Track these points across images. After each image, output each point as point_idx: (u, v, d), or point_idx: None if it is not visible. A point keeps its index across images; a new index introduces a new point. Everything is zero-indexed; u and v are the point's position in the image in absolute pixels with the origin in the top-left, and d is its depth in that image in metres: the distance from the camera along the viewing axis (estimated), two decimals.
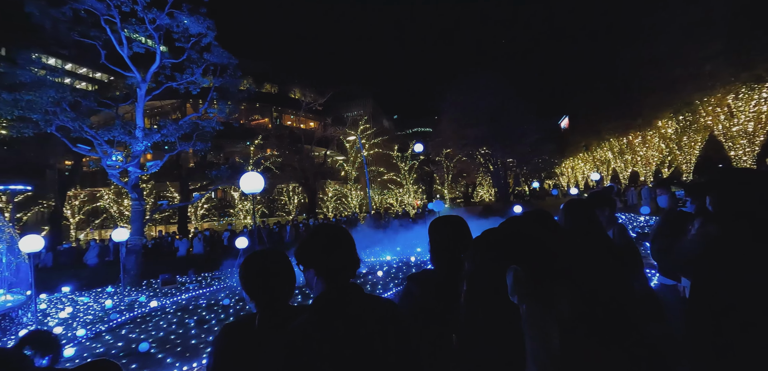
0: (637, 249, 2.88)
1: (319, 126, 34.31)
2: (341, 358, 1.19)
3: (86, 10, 12.04)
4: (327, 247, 1.37)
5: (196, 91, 14.27)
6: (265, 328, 1.47)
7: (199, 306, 8.30)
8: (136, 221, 12.22)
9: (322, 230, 1.45)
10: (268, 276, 1.51)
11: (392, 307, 1.40)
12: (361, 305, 1.32)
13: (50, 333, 1.19)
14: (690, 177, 23.70)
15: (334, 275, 1.34)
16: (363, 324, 1.27)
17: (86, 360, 1.18)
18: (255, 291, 1.52)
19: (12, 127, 12.23)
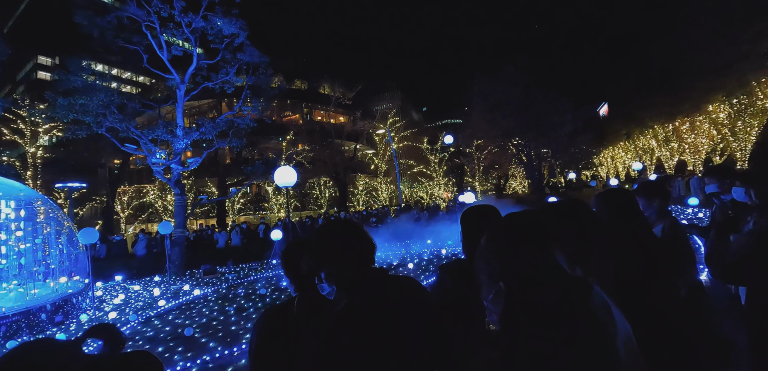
0: (689, 244, 2.65)
1: (349, 120, 34.64)
2: (375, 339, 1.22)
3: (129, 18, 12.83)
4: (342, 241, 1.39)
5: (231, 90, 14.82)
6: (303, 311, 1.56)
7: (238, 295, 8.70)
8: (179, 215, 12.93)
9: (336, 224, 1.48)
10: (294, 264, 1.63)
11: (419, 288, 1.42)
12: (390, 287, 1.34)
13: (112, 325, 1.30)
14: (745, 165, 21.95)
15: (359, 262, 1.37)
16: (393, 305, 1.29)
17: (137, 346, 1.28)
18: (294, 277, 1.62)
19: (68, 129, 13.24)
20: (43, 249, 8.15)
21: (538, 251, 0.74)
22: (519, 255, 0.74)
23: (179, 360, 4.95)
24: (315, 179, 30.50)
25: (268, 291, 8.76)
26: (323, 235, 1.45)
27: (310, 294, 1.61)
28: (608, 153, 43.13)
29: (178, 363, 4.80)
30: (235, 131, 14.38)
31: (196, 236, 16.39)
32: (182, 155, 13.51)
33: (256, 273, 11.55)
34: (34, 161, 22.01)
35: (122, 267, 12.16)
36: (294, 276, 1.67)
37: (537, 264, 0.73)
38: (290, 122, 32.30)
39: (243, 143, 15.45)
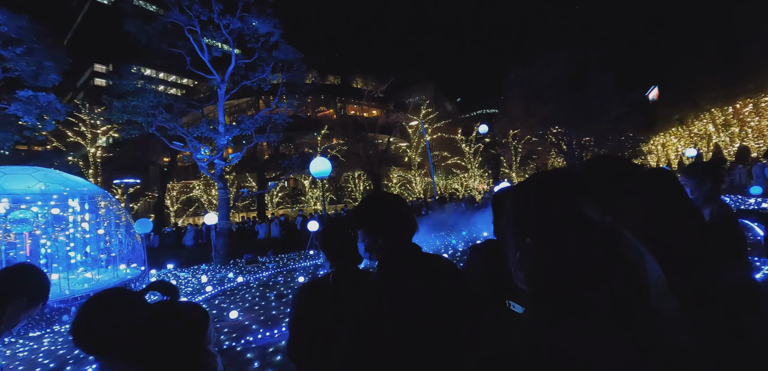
0: (738, 232, 2.42)
1: (382, 113, 34.81)
2: (406, 311, 1.26)
3: (172, 23, 13.65)
4: (384, 213, 1.43)
5: (267, 88, 15.38)
6: (338, 284, 1.67)
7: (278, 282, 9.09)
8: (223, 207, 13.66)
9: (377, 199, 1.53)
10: (342, 243, 1.74)
11: (451, 266, 1.45)
12: (421, 263, 1.38)
13: (168, 282, 1.52)
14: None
15: (397, 237, 1.40)
16: (423, 279, 1.33)
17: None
18: (331, 254, 1.73)
19: (122, 129, 14.32)
20: (105, 239, 8.92)
21: (565, 203, 0.69)
22: (546, 209, 0.70)
23: (225, 340, 5.30)
24: (349, 172, 30.99)
25: (307, 278, 9.07)
26: (367, 206, 1.48)
27: (345, 268, 1.72)
28: (658, 140, 40.30)
29: (224, 343, 5.13)
30: (272, 126, 14.93)
31: (238, 228, 17.22)
32: (224, 151, 14.23)
33: (294, 262, 11.99)
34: (95, 160, 24.04)
35: (173, 257, 13.07)
36: (330, 252, 1.77)
37: (564, 217, 0.68)
38: (324, 117, 32.96)
39: (280, 138, 16.01)
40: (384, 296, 1.29)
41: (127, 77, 13.43)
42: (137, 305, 1.19)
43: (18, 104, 13.11)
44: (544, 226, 0.68)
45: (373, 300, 1.30)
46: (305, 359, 1.82)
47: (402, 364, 1.24)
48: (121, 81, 13.42)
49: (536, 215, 0.70)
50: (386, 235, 1.40)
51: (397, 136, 34.25)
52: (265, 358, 4.56)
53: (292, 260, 12.52)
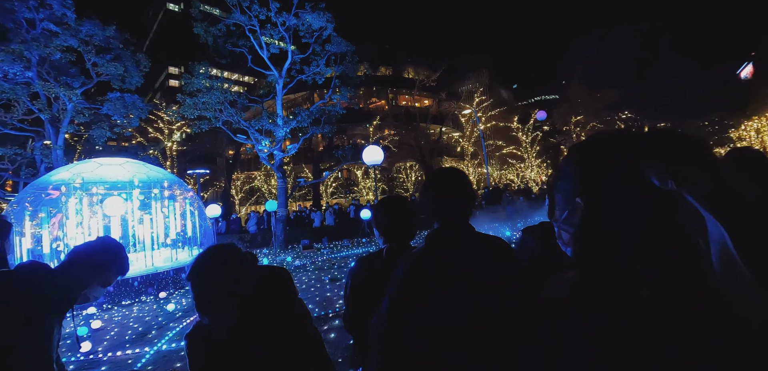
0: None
1: (434, 102, 34.37)
2: (449, 284, 1.26)
3: (235, 24, 14.64)
4: (441, 188, 1.43)
5: (321, 81, 15.92)
6: (391, 258, 1.74)
7: (332, 267, 9.48)
8: (281, 196, 14.47)
9: (437, 173, 1.53)
10: (395, 218, 1.82)
11: (504, 246, 1.42)
12: (471, 240, 1.37)
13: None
14: None
15: (446, 213, 1.40)
16: (472, 256, 1.32)
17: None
18: (384, 229, 1.81)
19: (194, 125, 15.64)
20: (182, 222, 9.90)
21: (624, 164, 0.65)
22: (603, 168, 0.66)
23: None
24: (401, 163, 31.12)
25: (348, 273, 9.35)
26: (428, 179, 1.50)
27: (398, 244, 1.78)
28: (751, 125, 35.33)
29: None
30: (326, 118, 15.48)
31: (295, 216, 18.12)
32: (282, 143, 15.03)
33: (347, 249, 12.40)
34: (171, 153, 26.64)
35: (238, 241, 14.11)
36: (383, 228, 1.84)
37: (622, 178, 0.64)
38: (376, 108, 33.29)
39: (334, 130, 16.57)
40: (426, 268, 1.29)
41: (197, 77, 14.66)
42: (246, 256, 1.34)
43: (109, 104, 14.90)
44: (599, 185, 0.66)
45: (414, 272, 1.31)
46: (360, 329, 1.93)
47: (440, 337, 1.23)
48: (192, 80, 14.68)
49: (593, 173, 0.67)
50: (438, 209, 1.40)
51: (449, 125, 33.65)
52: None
53: (345, 247, 12.94)
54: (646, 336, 0.55)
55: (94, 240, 1.56)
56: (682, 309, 0.57)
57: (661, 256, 0.61)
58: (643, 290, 0.59)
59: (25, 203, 7.97)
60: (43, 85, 13.41)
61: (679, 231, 0.63)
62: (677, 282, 0.59)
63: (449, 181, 1.46)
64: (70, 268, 1.43)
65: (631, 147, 0.67)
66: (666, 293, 0.58)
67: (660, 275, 0.60)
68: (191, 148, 27.43)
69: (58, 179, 8.33)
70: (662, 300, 0.58)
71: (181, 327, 5.56)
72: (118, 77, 14.99)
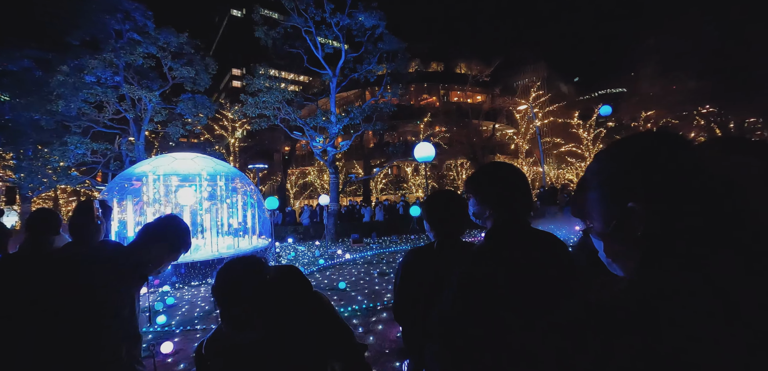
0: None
1: (487, 98, 33.33)
2: (508, 282, 1.25)
3: (292, 26, 15.34)
4: (501, 184, 1.41)
5: (373, 78, 16.19)
6: (442, 252, 1.78)
7: (381, 261, 9.64)
8: (333, 191, 14.96)
9: (498, 168, 1.50)
10: (446, 213, 1.84)
11: (563, 247, 1.39)
12: (529, 238, 1.35)
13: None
14: None
15: (506, 210, 1.38)
16: (529, 255, 1.30)
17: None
18: (435, 223, 1.84)
19: (254, 122, 16.67)
20: (243, 213, 10.64)
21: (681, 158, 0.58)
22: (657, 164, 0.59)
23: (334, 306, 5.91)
24: (451, 160, 30.65)
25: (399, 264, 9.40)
26: (483, 173, 1.46)
27: (448, 237, 1.83)
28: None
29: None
30: (378, 115, 15.72)
31: (346, 210, 18.62)
32: (335, 139, 15.53)
33: (396, 245, 12.51)
34: (234, 149, 28.65)
35: (292, 232, 14.89)
36: (434, 221, 1.87)
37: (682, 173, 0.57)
38: (427, 105, 33.01)
39: (385, 127, 16.80)
40: (487, 264, 1.30)
41: (257, 77, 15.62)
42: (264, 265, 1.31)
43: (182, 104, 16.39)
44: (657, 183, 0.60)
45: (475, 267, 1.31)
46: (410, 320, 1.98)
47: (499, 331, 1.24)
48: (254, 81, 15.66)
49: (647, 171, 0.61)
50: (497, 204, 1.38)
51: (502, 121, 32.48)
52: (368, 325, 4.96)
53: (393, 243, 13.07)
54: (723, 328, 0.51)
55: (158, 217, 1.67)
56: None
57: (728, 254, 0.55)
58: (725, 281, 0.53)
59: (114, 191, 9.05)
60: (129, 88, 15.08)
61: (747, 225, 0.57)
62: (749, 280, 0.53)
63: (506, 175, 1.44)
64: (139, 243, 1.58)
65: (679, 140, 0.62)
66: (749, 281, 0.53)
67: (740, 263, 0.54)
68: (251, 144, 29.33)
69: (140, 171, 9.36)
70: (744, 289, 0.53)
71: None
72: (190, 80, 16.43)
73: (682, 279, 0.55)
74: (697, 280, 0.54)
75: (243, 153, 29.34)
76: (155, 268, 1.62)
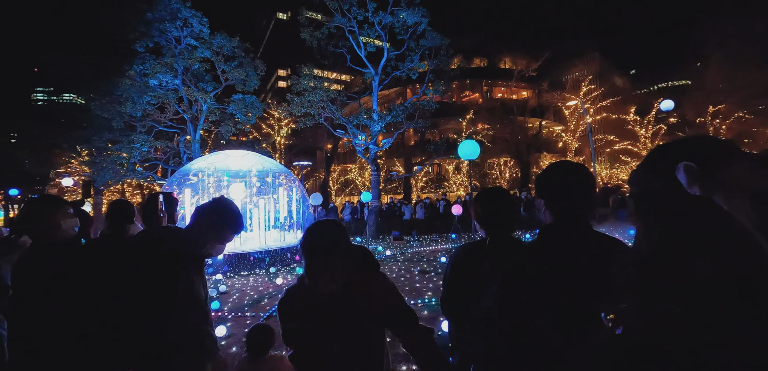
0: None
1: (533, 94, 32.01)
2: (554, 279, 1.23)
3: (336, 27, 15.67)
4: (561, 181, 1.38)
5: (415, 76, 16.17)
6: (493, 249, 1.79)
7: (421, 259, 9.61)
8: (375, 188, 15.13)
9: (561, 165, 1.47)
10: (496, 209, 1.87)
11: (618, 245, 1.33)
12: (583, 237, 1.31)
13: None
14: None
15: (561, 208, 1.35)
16: (580, 254, 1.26)
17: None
18: (485, 220, 1.85)
19: (299, 121, 17.24)
20: (289, 208, 11.07)
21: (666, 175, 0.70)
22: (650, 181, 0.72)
23: None
24: (494, 159, 29.82)
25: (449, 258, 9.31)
26: (548, 171, 1.45)
27: (500, 234, 1.84)
28: None
29: None
30: (420, 113, 15.69)
31: (387, 208, 18.75)
32: (377, 137, 15.70)
33: (436, 243, 12.41)
34: (279, 146, 29.79)
35: None
36: (484, 219, 1.88)
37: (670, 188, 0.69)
38: (469, 102, 32.33)
39: (427, 125, 16.72)
40: (535, 261, 1.28)
41: (303, 77, 16.13)
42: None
43: (233, 105, 17.32)
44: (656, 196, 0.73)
45: (523, 264, 1.31)
46: (458, 315, 2.00)
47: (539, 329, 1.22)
48: (300, 81, 16.20)
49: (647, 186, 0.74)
50: (555, 202, 1.36)
51: (550, 118, 31.06)
52: None
53: (434, 241, 12.98)
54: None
55: (210, 200, 1.75)
56: None
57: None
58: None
59: (174, 186, 9.78)
60: (186, 90, 16.20)
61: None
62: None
63: (568, 174, 1.40)
64: (193, 227, 1.68)
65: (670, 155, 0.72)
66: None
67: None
68: (296, 142, 30.36)
69: (197, 167, 10.03)
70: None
71: None
72: (241, 81, 17.33)
73: None
74: None
75: (288, 150, 30.48)
76: (211, 249, 1.71)
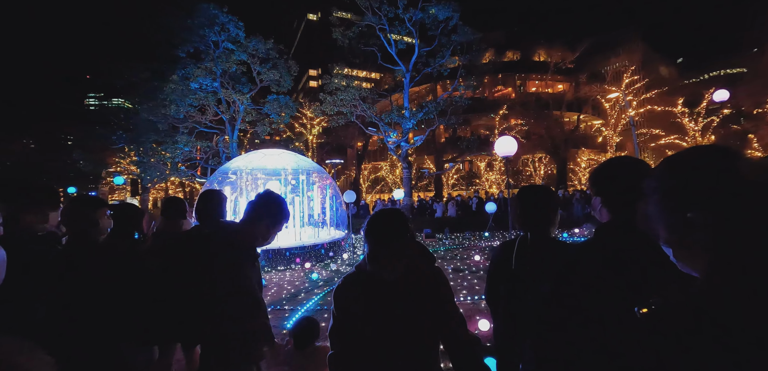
0: None
1: (570, 87, 30.76)
2: (607, 277, 1.22)
3: (366, 25, 15.76)
4: (617, 177, 1.34)
5: (446, 72, 15.96)
6: (536, 244, 1.75)
7: (454, 257, 9.50)
8: (406, 185, 15.13)
9: (623, 160, 1.43)
10: (537, 207, 1.86)
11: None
12: (643, 237, 1.28)
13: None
14: None
15: (618, 206, 1.31)
16: (640, 254, 1.21)
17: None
18: (525, 218, 1.84)
19: (331, 120, 17.52)
20: (322, 205, 11.28)
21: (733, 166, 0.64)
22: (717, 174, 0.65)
23: None
24: (528, 155, 28.95)
25: (482, 258, 9.15)
26: (611, 169, 1.41)
27: (540, 232, 1.85)
28: None
29: None
30: (452, 109, 15.51)
31: (418, 206, 18.69)
32: (409, 134, 15.66)
33: (469, 241, 12.23)
34: (312, 145, 30.38)
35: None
36: (524, 217, 1.90)
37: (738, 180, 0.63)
38: (502, 96, 31.53)
39: (459, 121, 16.54)
40: (588, 260, 1.27)
41: (335, 77, 16.37)
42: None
43: (268, 105, 17.85)
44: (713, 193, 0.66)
45: (576, 262, 1.29)
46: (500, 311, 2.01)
47: (590, 326, 1.20)
48: (332, 80, 16.45)
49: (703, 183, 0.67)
50: (610, 200, 1.34)
51: (588, 112, 29.74)
52: None
53: (467, 239, 12.78)
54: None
55: (258, 195, 1.89)
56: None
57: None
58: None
59: (214, 184, 10.22)
60: (224, 92, 16.87)
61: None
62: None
63: (625, 170, 1.35)
64: (248, 219, 1.82)
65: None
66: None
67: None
68: (328, 140, 30.86)
69: (235, 166, 10.43)
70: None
71: (324, 293, 6.39)
72: (275, 82, 17.83)
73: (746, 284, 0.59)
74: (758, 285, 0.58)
75: (320, 148, 31.06)
76: (264, 240, 1.84)
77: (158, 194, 35.64)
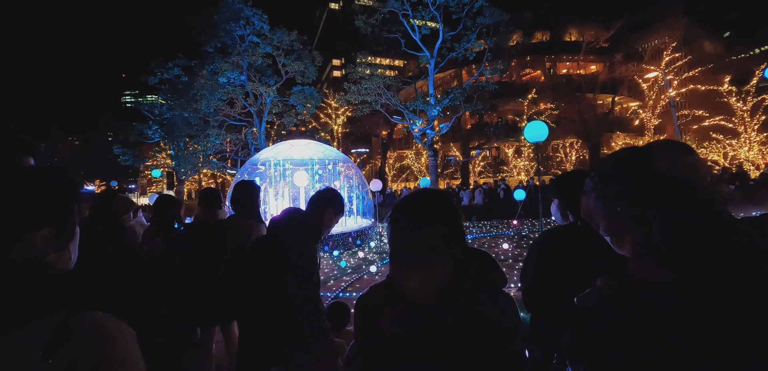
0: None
1: (604, 67, 29.36)
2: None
3: (389, 11, 15.53)
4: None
5: (472, 56, 15.60)
6: (584, 233, 1.68)
7: (482, 246, 9.36)
8: (432, 173, 15.00)
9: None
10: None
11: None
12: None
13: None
14: None
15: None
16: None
17: None
18: (575, 203, 1.75)
19: (356, 109, 17.55)
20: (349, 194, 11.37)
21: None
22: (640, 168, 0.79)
23: None
24: (559, 141, 27.98)
25: (510, 246, 8.97)
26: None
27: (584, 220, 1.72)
28: None
29: None
30: (479, 94, 15.17)
31: None
32: (434, 121, 15.47)
33: (496, 230, 12.02)
34: (337, 135, 30.64)
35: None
36: (573, 201, 1.78)
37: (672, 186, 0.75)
38: (530, 80, 30.44)
39: (486, 107, 16.16)
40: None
41: (359, 66, 16.34)
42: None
43: (294, 97, 18.10)
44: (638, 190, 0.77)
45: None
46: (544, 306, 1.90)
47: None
48: (356, 69, 16.44)
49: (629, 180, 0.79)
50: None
51: (624, 94, 28.30)
52: None
53: (494, 227, 12.57)
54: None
55: (319, 190, 2.08)
56: None
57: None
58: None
59: (244, 174, 10.50)
60: (251, 85, 17.24)
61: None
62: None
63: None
64: (314, 210, 1.97)
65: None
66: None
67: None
68: (353, 130, 31.04)
69: (264, 157, 10.67)
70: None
71: (352, 280, 6.47)
72: (300, 73, 18.03)
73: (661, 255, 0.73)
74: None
75: (345, 138, 31.29)
76: (327, 229, 2.01)
77: (192, 185, 37.12)
